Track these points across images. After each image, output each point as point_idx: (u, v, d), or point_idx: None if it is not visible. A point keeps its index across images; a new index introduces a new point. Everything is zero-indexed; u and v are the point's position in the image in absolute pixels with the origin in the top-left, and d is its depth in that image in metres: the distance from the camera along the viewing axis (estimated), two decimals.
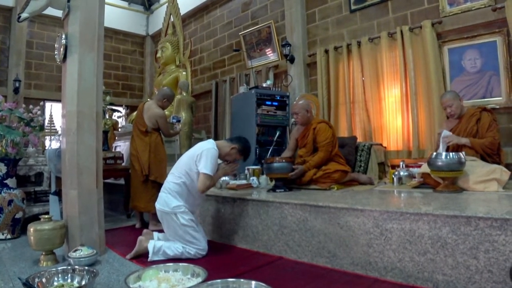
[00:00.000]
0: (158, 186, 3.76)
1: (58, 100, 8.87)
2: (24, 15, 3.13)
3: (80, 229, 2.90)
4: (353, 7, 5.50)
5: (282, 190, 3.58)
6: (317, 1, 6.01)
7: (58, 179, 4.06)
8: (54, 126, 5.95)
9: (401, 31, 4.80)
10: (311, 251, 2.80)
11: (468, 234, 2.05)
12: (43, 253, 2.77)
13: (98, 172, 3.05)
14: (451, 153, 3.03)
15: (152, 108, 4.23)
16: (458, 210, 2.15)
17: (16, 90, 7.57)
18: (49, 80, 8.54)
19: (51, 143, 5.69)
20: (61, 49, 3.11)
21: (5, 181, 3.73)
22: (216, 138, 7.46)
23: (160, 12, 9.56)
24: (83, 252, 2.67)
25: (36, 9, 3.16)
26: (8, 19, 7.96)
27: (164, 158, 4.24)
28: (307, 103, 4.05)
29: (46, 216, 2.83)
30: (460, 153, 3.05)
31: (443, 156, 3.02)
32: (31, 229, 2.73)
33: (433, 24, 4.55)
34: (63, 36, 3.09)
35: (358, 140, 4.81)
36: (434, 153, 3.11)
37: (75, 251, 2.68)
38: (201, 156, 2.99)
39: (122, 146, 6.56)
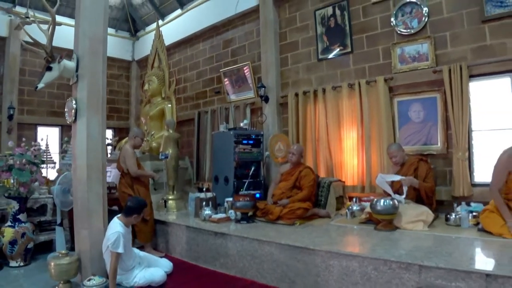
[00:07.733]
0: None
1: (50, 125, 9.26)
2: (40, 85, 3.80)
3: (91, 261, 3.57)
4: (320, 56, 6.29)
5: (245, 222, 4.57)
6: (289, 47, 6.78)
7: (63, 212, 4.69)
8: (50, 155, 6.44)
9: (359, 83, 5.60)
10: (276, 277, 3.57)
11: (384, 272, 2.86)
12: (61, 282, 3.43)
13: (104, 213, 3.74)
14: (387, 200, 3.85)
15: (125, 147, 4.79)
16: (383, 250, 2.98)
17: (10, 117, 8.05)
18: (41, 106, 9.03)
19: (47, 172, 6.19)
20: (72, 111, 3.74)
21: (17, 216, 4.31)
22: (198, 163, 8.17)
23: (145, 39, 10.16)
24: (95, 281, 3.34)
25: (50, 80, 3.81)
26: (2, 48, 8.39)
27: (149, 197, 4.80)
28: (302, 149, 5.11)
29: (63, 252, 3.49)
30: (395, 200, 3.88)
31: (381, 203, 3.84)
32: (52, 263, 3.38)
33: (385, 80, 5.36)
34: (73, 101, 3.72)
35: (322, 175, 5.61)
36: (375, 200, 3.93)
37: (89, 280, 3.35)
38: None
39: (113, 172, 7.07)
